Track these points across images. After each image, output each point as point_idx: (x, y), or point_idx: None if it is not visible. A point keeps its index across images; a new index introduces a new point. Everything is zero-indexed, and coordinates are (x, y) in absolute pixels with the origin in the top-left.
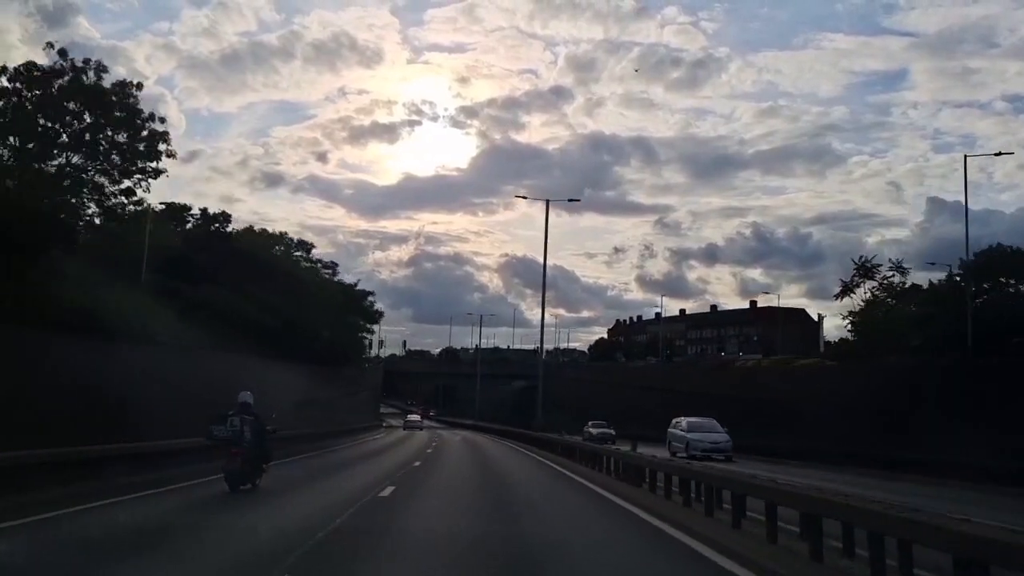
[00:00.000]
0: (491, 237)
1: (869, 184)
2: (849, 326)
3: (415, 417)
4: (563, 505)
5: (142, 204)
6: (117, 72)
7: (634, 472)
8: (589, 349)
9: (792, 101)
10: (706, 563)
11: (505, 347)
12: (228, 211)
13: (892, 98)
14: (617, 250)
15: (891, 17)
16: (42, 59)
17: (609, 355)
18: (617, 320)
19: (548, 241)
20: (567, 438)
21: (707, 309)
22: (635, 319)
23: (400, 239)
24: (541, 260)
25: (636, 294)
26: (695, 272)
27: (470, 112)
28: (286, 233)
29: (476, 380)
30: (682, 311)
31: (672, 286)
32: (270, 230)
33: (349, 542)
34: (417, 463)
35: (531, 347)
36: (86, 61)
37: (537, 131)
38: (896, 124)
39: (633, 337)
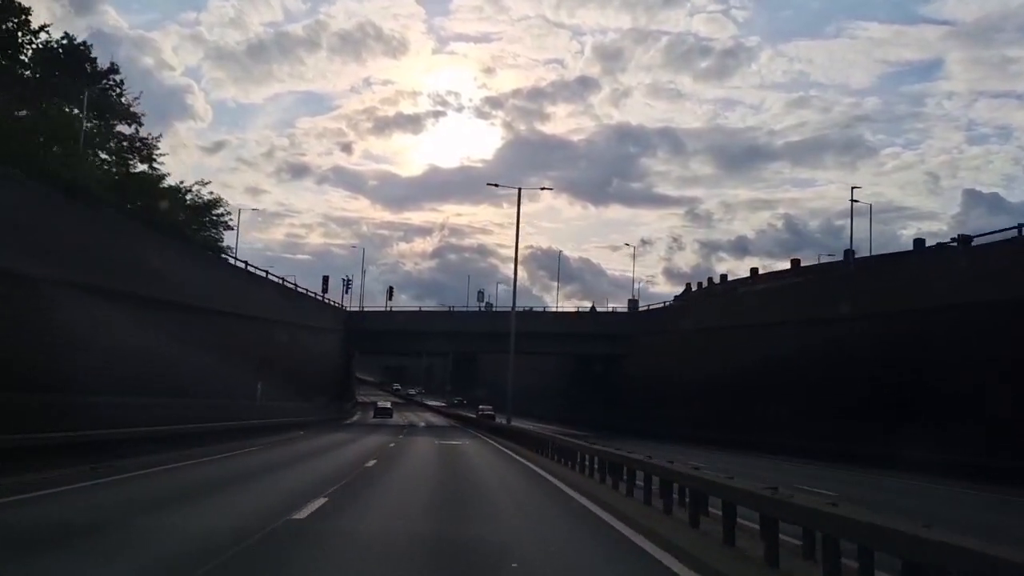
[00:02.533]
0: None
1: (901, 176)
2: None
3: (385, 404)
4: None
5: None
6: (144, 63)
7: None
8: None
9: (823, 91)
10: None
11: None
12: None
13: (926, 88)
14: (644, 242)
15: (927, 5)
16: None
17: None
18: (688, 284)
19: (570, 233)
20: None
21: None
22: (720, 278)
23: (424, 231)
24: (566, 252)
25: (663, 287)
26: (724, 265)
27: (495, 103)
28: None
29: (511, 351)
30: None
31: (702, 278)
32: None
33: None
34: None
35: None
36: None
37: (563, 122)
38: (930, 115)
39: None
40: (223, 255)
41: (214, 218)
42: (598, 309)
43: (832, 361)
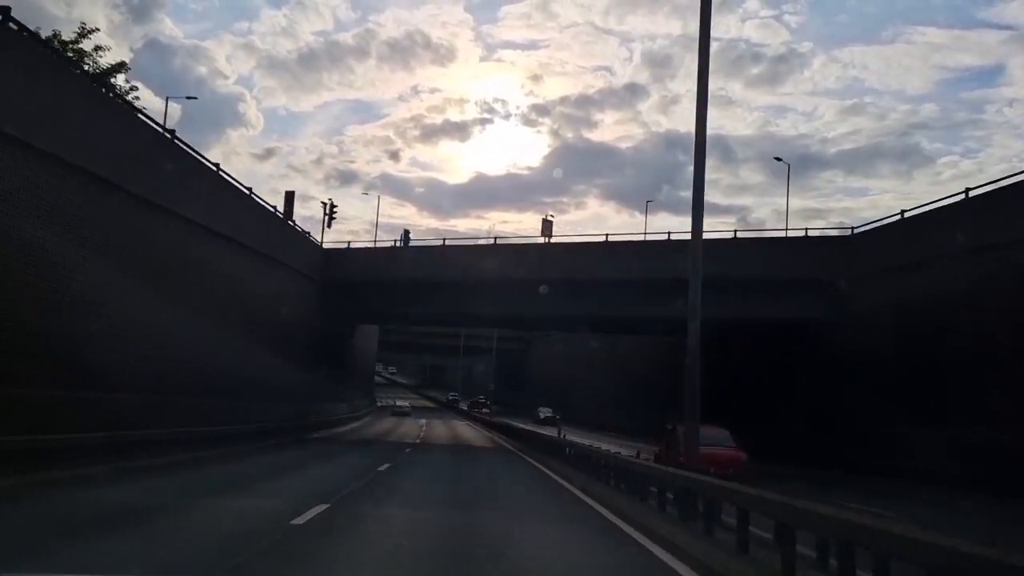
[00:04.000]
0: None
1: (958, 185)
2: None
3: (403, 404)
4: None
5: None
6: (199, 72)
7: None
8: None
9: (879, 98)
10: None
11: None
12: None
13: (986, 95)
14: None
15: (988, 9)
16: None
17: None
18: None
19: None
20: None
21: None
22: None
23: (470, 238)
24: None
25: None
26: None
27: (542, 110)
28: None
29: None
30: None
31: None
32: None
33: None
34: None
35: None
36: None
37: (610, 129)
38: (990, 122)
39: None
40: None
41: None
42: None
43: None
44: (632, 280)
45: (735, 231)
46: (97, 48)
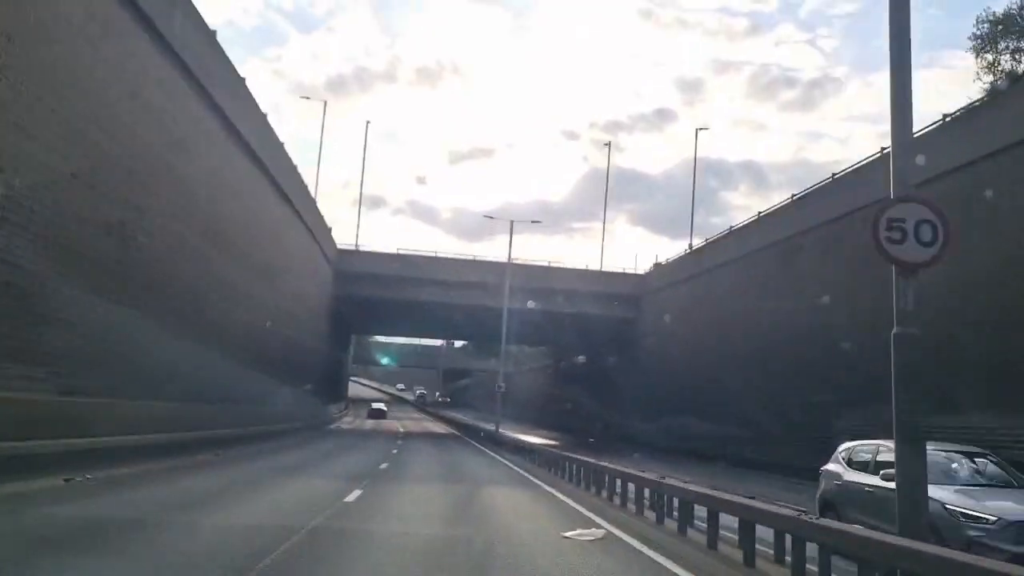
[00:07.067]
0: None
1: None
2: None
3: (380, 406)
4: None
5: None
6: None
7: None
8: None
9: (916, 124)
10: None
11: None
12: None
13: None
14: None
15: None
16: None
17: None
18: None
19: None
20: None
21: None
22: None
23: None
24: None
25: None
26: None
27: (571, 134)
28: None
29: None
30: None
31: None
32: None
33: None
34: None
35: None
36: None
37: (641, 154)
38: None
39: None
40: None
41: None
42: None
43: None
44: None
45: None
46: None
